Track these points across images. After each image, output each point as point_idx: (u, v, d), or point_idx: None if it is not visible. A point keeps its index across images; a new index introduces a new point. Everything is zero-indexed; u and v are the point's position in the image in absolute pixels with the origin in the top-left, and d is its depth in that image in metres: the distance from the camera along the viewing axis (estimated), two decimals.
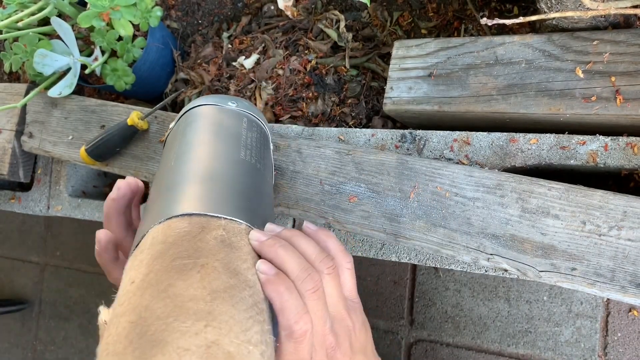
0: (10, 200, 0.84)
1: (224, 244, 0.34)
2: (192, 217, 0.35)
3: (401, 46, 0.58)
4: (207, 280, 0.30)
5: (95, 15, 0.66)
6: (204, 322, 0.28)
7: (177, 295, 0.29)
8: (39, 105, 0.75)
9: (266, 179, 0.45)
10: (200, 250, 0.32)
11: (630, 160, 0.46)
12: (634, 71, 0.47)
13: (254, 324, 0.30)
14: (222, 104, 0.49)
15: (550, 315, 1.11)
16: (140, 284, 0.31)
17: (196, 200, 0.36)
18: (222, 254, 0.33)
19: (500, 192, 0.49)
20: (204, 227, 0.34)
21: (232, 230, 0.35)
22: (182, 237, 0.33)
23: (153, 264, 0.32)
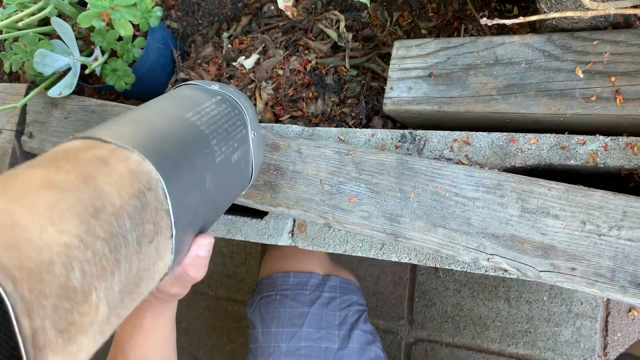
0: None
1: (95, 159, 0.33)
2: (88, 139, 0.35)
3: (401, 46, 0.58)
4: (49, 175, 0.30)
5: (95, 15, 0.66)
6: (12, 196, 0.27)
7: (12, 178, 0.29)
8: (39, 105, 0.75)
9: (210, 145, 0.43)
10: (67, 158, 0.32)
11: (630, 160, 0.46)
12: (634, 71, 0.47)
13: (76, 219, 0.28)
14: (205, 85, 0.49)
15: (550, 315, 1.11)
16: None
17: (107, 130, 0.37)
18: (88, 166, 0.32)
19: (500, 192, 0.49)
20: (91, 147, 0.34)
21: (118, 154, 0.34)
22: (64, 150, 0.34)
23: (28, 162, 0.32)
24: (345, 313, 0.80)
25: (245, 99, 0.51)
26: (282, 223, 0.63)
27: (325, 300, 0.80)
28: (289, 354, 0.76)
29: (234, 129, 0.47)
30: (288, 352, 0.76)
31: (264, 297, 0.83)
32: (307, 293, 0.81)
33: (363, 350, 0.77)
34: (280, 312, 0.81)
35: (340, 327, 0.78)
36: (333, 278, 0.83)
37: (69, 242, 0.27)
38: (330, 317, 0.79)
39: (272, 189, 0.59)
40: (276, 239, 0.63)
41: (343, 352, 0.76)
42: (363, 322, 0.80)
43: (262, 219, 0.65)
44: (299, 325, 0.77)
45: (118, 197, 0.32)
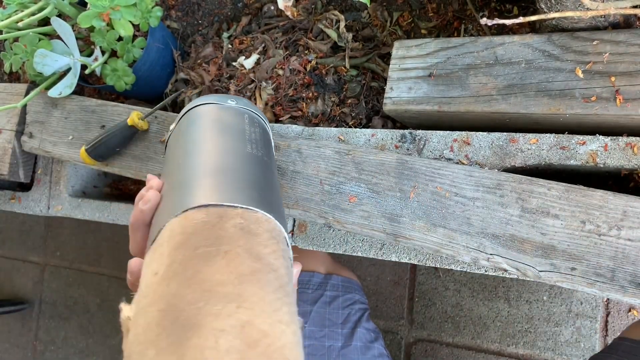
0: (11, 200, 0.84)
1: (244, 231, 0.34)
2: (208, 207, 0.35)
3: (401, 46, 0.58)
4: (233, 265, 0.31)
5: (96, 16, 0.66)
6: (235, 303, 0.28)
7: (205, 281, 0.30)
8: (39, 105, 0.75)
9: (273, 171, 0.45)
10: (221, 238, 0.33)
11: (630, 160, 0.46)
12: (634, 71, 0.47)
13: (283, 305, 0.30)
14: (222, 102, 0.49)
15: (550, 315, 1.11)
16: (164, 274, 0.31)
17: (211, 192, 0.37)
18: (243, 241, 0.33)
19: (500, 192, 0.49)
20: (222, 216, 0.35)
21: (250, 218, 0.36)
22: (202, 226, 0.34)
23: (175, 254, 0.32)
24: (348, 311, 0.80)
25: (256, 108, 0.53)
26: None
27: (327, 298, 0.80)
28: None
29: (269, 145, 0.50)
30: None
31: None
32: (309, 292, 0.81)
33: (366, 348, 0.77)
34: None
35: (343, 326, 0.78)
36: (335, 277, 0.83)
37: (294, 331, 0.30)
38: (333, 315, 0.79)
39: None
40: None
41: (346, 350, 0.76)
42: (366, 320, 0.80)
43: None
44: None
45: (282, 267, 0.34)
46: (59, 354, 1.67)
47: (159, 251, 0.34)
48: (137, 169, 0.68)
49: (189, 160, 0.42)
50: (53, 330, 1.68)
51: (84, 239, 1.61)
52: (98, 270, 1.59)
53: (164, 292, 0.30)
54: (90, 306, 1.61)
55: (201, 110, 0.49)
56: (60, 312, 1.67)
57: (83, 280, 1.61)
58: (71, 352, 1.65)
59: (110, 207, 0.78)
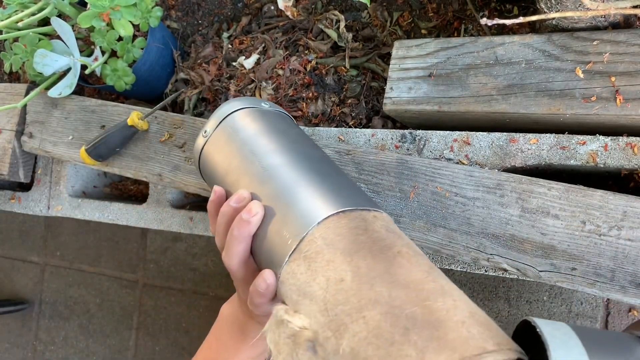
0: (11, 200, 0.84)
1: (389, 231, 0.35)
2: (345, 213, 0.36)
3: (401, 46, 0.58)
4: (416, 264, 0.32)
5: (96, 16, 0.66)
6: (450, 298, 0.29)
7: (409, 282, 0.30)
8: (39, 105, 0.75)
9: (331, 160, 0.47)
10: (383, 240, 0.34)
11: (630, 160, 0.46)
12: (634, 71, 0.47)
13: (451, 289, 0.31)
14: (259, 106, 0.49)
15: (550, 315, 1.11)
16: (356, 278, 0.31)
17: (334, 199, 0.37)
18: (400, 241, 0.34)
19: (500, 192, 0.49)
20: (365, 219, 0.35)
21: (383, 218, 0.37)
22: (356, 230, 0.34)
23: (353, 259, 0.32)
24: None
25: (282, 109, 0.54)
26: None
27: None
28: None
29: None
30: None
31: None
32: None
33: None
34: None
35: None
36: None
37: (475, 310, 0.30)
38: None
39: None
40: None
41: None
42: None
43: None
44: None
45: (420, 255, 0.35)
46: (59, 354, 1.67)
47: (325, 258, 0.33)
48: (137, 169, 0.68)
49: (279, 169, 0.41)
50: (53, 330, 1.68)
51: (84, 239, 1.61)
52: (98, 270, 1.59)
53: (374, 296, 0.29)
54: (90, 306, 1.61)
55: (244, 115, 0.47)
56: (60, 312, 1.67)
57: (83, 280, 1.61)
58: (71, 352, 1.65)
59: (110, 207, 0.78)
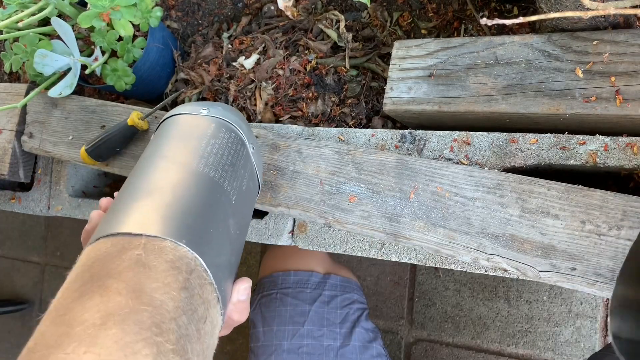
0: (11, 200, 0.84)
1: (138, 264, 0.33)
2: (116, 237, 0.34)
3: (401, 46, 0.58)
4: (104, 304, 0.30)
5: (96, 16, 0.66)
6: (83, 348, 0.28)
7: (71, 320, 0.29)
8: (39, 105, 0.75)
9: (223, 188, 0.42)
10: (110, 273, 0.32)
11: (630, 160, 0.46)
12: (634, 71, 0.47)
13: (146, 346, 0.29)
14: (193, 112, 0.47)
15: (550, 315, 1.11)
16: (50, 308, 0.31)
17: (124, 219, 0.35)
18: (130, 274, 0.32)
19: (500, 192, 0.49)
20: (124, 247, 0.34)
21: (152, 248, 0.34)
22: (100, 259, 0.33)
23: (65, 288, 0.32)
24: (346, 311, 0.80)
25: (234, 114, 0.49)
26: (282, 223, 0.63)
27: (326, 298, 0.80)
28: (291, 351, 0.76)
29: (237, 157, 0.46)
30: (290, 350, 0.76)
31: (264, 296, 0.83)
32: (308, 291, 0.81)
33: (365, 348, 0.78)
34: (281, 310, 0.81)
35: (341, 325, 0.78)
36: (333, 277, 0.83)
37: None
38: (332, 315, 0.79)
39: (272, 189, 0.59)
40: (276, 239, 0.63)
41: (345, 349, 0.76)
42: (364, 320, 0.80)
43: (262, 219, 0.65)
44: (300, 324, 0.78)
45: (170, 300, 0.32)
46: None
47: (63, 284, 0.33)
48: None
49: (129, 179, 0.40)
50: None
51: None
52: None
53: (38, 330, 0.30)
54: None
55: (168, 122, 0.47)
56: None
57: None
58: None
59: None
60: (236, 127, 0.48)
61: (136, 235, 0.34)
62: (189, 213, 0.38)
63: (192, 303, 0.33)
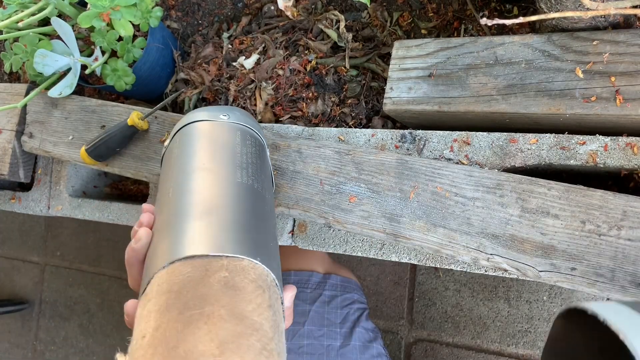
0: (11, 200, 0.84)
1: (228, 287, 0.33)
2: (194, 259, 0.35)
3: (401, 46, 0.58)
4: (215, 332, 0.30)
5: (96, 16, 0.66)
6: None
7: (187, 353, 0.29)
8: (39, 105, 0.75)
9: (264, 197, 0.44)
10: (205, 298, 0.32)
11: (630, 160, 0.46)
12: (634, 71, 0.47)
13: None
14: (214, 118, 0.48)
15: (550, 315, 1.11)
16: (150, 340, 0.31)
17: (197, 240, 0.36)
18: (226, 299, 0.33)
19: (500, 192, 0.49)
20: (207, 270, 0.34)
21: (235, 269, 0.35)
22: (187, 284, 0.33)
23: (161, 317, 0.32)
24: (346, 311, 0.80)
25: (251, 118, 0.50)
26: (282, 223, 0.63)
27: (326, 298, 0.80)
28: (291, 351, 0.76)
29: (263, 163, 0.47)
30: (290, 349, 0.76)
31: None
32: (308, 291, 0.81)
33: (365, 348, 0.78)
34: None
35: (342, 325, 0.78)
36: (334, 277, 0.83)
37: None
38: (332, 315, 0.79)
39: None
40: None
41: (345, 349, 0.77)
42: (364, 320, 0.80)
43: None
44: (300, 323, 0.78)
45: (266, 321, 0.33)
46: (59, 354, 1.67)
47: (147, 308, 0.33)
48: (137, 169, 0.68)
49: (176, 196, 0.40)
50: (53, 330, 1.68)
51: (84, 239, 1.61)
52: (98, 270, 1.59)
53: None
54: (90, 306, 1.61)
55: (192, 130, 0.47)
56: (60, 312, 1.67)
57: (83, 280, 1.61)
58: (71, 352, 1.65)
59: (110, 207, 0.78)
60: (257, 132, 0.49)
61: (215, 256, 0.35)
62: (252, 229, 0.38)
63: (276, 320, 0.34)
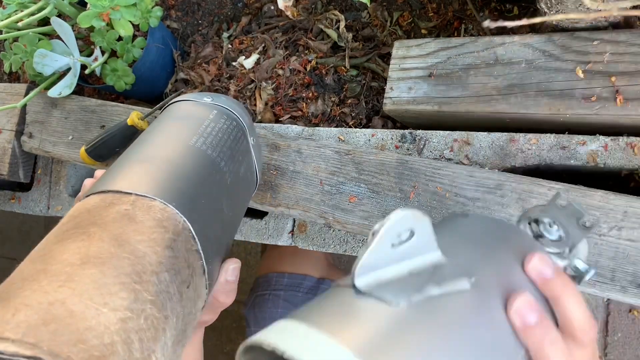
0: (10, 200, 0.84)
1: (123, 217, 0.33)
2: (106, 193, 0.35)
3: (401, 46, 0.58)
4: (86, 247, 0.30)
5: (95, 15, 0.66)
6: (59, 282, 0.28)
7: (49, 259, 0.29)
8: (39, 105, 0.75)
9: (218, 166, 0.43)
10: (95, 222, 0.32)
11: (630, 160, 0.46)
12: (634, 71, 0.47)
13: (123, 290, 0.29)
14: (197, 99, 0.48)
15: None
16: (33, 252, 0.31)
17: (115, 179, 0.37)
18: (116, 225, 0.32)
19: (500, 192, 0.49)
20: (112, 202, 0.34)
21: (141, 205, 0.34)
22: (87, 210, 0.34)
23: (51, 234, 0.32)
24: None
25: (238, 105, 0.50)
26: (282, 223, 0.63)
27: None
28: None
29: (236, 143, 0.47)
30: None
31: (258, 295, 0.84)
32: (299, 295, 0.81)
33: None
34: (272, 312, 0.81)
35: None
36: (328, 282, 0.83)
37: (123, 316, 0.28)
38: None
39: (272, 189, 0.59)
40: (276, 239, 0.63)
41: None
42: None
43: (261, 219, 0.65)
44: None
45: (154, 254, 0.32)
46: None
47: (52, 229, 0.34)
48: None
49: (125, 152, 0.42)
50: None
51: None
52: None
53: (17, 268, 0.30)
54: None
55: (172, 107, 0.48)
56: None
57: None
58: None
59: None
60: (238, 116, 0.49)
61: (126, 193, 0.35)
62: (180, 179, 0.38)
63: (176, 264, 0.33)
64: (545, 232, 0.33)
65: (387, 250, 0.25)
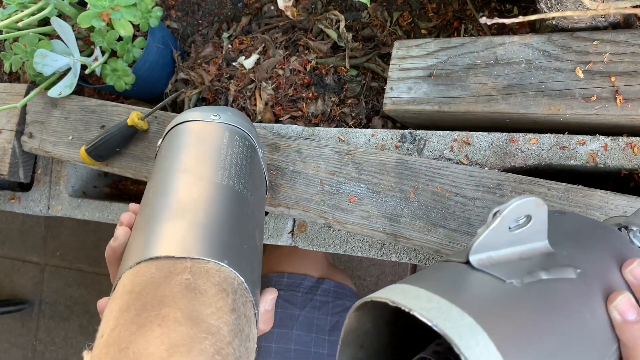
0: (10, 200, 0.84)
1: (188, 289, 0.33)
2: (160, 260, 0.35)
3: (401, 46, 0.58)
4: (167, 335, 0.30)
5: (95, 16, 0.66)
6: None
7: (136, 354, 0.29)
8: (39, 105, 0.75)
9: (245, 199, 0.43)
10: (163, 300, 0.32)
11: (630, 160, 0.46)
12: (634, 71, 0.47)
13: None
14: (204, 119, 0.47)
15: None
16: (106, 339, 0.31)
17: (163, 241, 0.36)
18: (184, 302, 0.32)
19: (500, 192, 0.49)
20: (170, 272, 0.34)
21: (199, 272, 0.34)
22: (148, 285, 0.33)
23: (119, 317, 0.32)
24: (337, 319, 0.79)
25: (243, 118, 0.50)
26: (282, 223, 0.63)
27: (317, 303, 0.80)
28: (278, 354, 0.76)
29: (252, 164, 0.47)
30: (277, 352, 0.76)
31: None
32: (299, 295, 0.80)
33: None
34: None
35: (330, 333, 0.78)
36: (327, 282, 0.83)
37: None
38: (322, 321, 0.78)
39: (272, 189, 0.59)
40: (276, 239, 0.63)
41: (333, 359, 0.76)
42: None
43: None
44: (289, 327, 0.77)
45: (225, 325, 0.33)
46: (59, 354, 1.67)
47: (110, 307, 0.33)
48: (137, 169, 0.68)
49: (154, 196, 0.40)
50: (53, 330, 1.68)
51: (84, 239, 1.61)
52: (98, 270, 1.59)
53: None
54: (90, 306, 1.61)
55: (181, 130, 0.47)
56: (60, 312, 1.67)
57: (83, 280, 1.61)
58: (71, 352, 1.65)
59: (110, 207, 0.78)
60: (247, 133, 0.49)
61: (180, 258, 0.35)
62: (224, 231, 0.38)
63: (239, 324, 0.34)
64: (634, 239, 0.36)
65: (504, 232, 0.27)
